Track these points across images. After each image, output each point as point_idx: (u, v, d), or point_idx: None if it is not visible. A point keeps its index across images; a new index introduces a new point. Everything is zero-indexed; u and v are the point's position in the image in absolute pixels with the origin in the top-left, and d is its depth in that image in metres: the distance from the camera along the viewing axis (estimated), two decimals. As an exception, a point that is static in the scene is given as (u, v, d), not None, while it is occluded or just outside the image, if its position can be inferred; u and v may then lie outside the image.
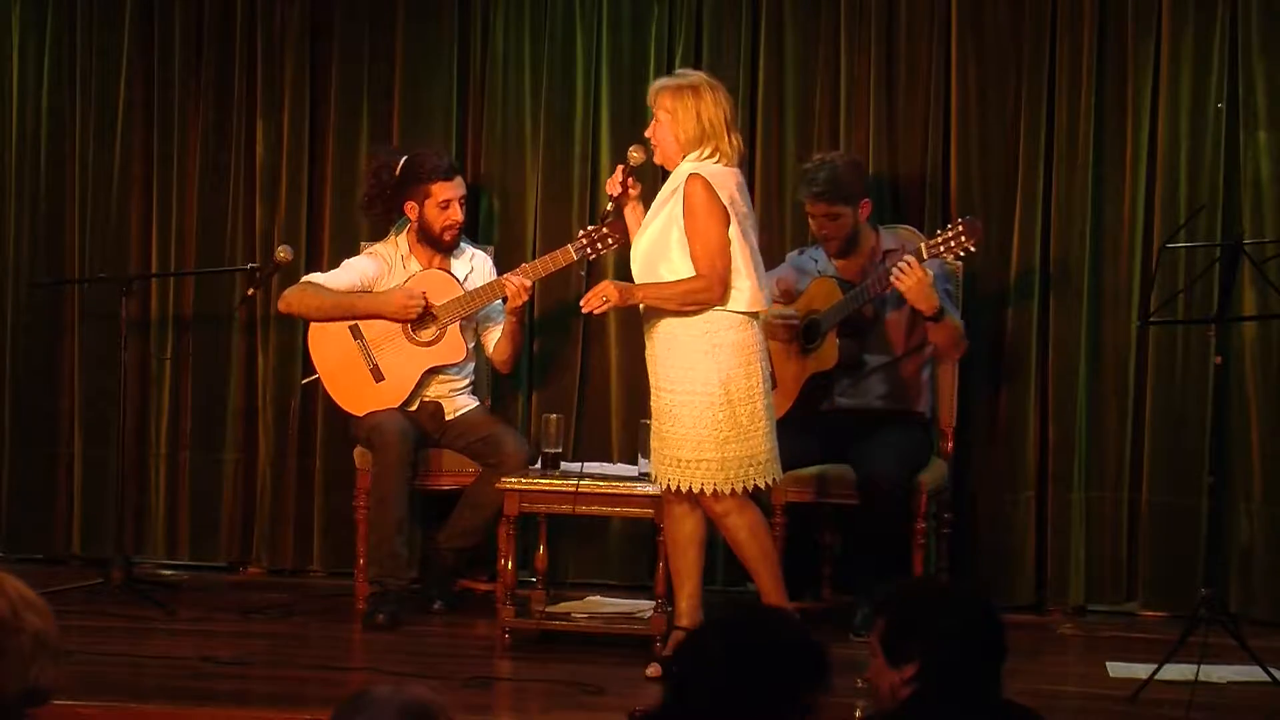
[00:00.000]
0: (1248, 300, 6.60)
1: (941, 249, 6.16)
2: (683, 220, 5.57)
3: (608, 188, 5.81)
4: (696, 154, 5.59)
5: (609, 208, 5.83)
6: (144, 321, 7.30)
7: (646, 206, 5.78)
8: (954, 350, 6.41)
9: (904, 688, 3.26)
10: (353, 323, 6.62)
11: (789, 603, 5.77)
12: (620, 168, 5.77)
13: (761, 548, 5.72)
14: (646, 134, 5.71)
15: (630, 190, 5.79)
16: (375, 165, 6.78)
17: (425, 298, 6.57)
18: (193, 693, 5.49)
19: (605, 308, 5.70)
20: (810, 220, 6.48)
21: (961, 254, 6.19)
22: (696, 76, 5.74)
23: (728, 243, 5.57)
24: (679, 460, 5.63)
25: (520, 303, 6.49)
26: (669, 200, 5.62)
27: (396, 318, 6.59)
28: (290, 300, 6.68)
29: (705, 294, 5.57)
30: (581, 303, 5.73)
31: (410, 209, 6.67)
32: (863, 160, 6.72)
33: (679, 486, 5.64)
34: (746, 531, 5.69)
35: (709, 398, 5.59)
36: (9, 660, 2.82)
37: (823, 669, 3.04)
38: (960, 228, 6.17)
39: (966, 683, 3.27)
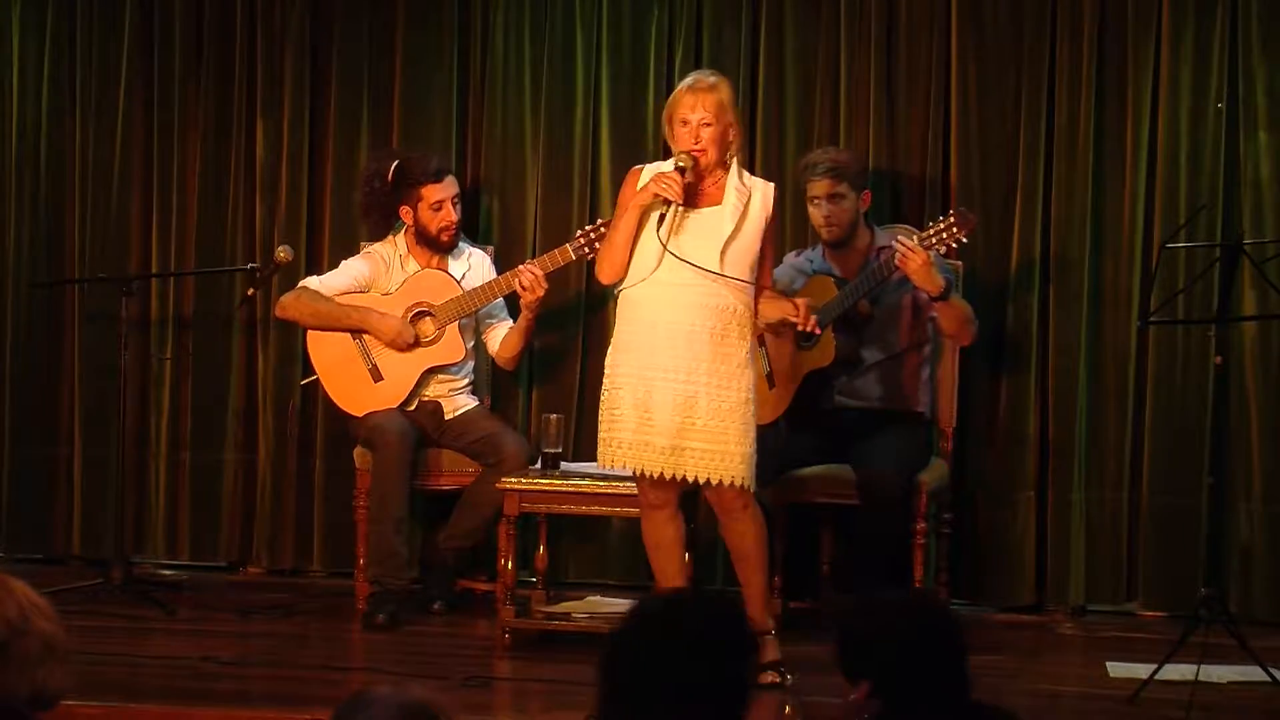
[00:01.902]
0: (1248, 300, 6.60)
1: (934, 240, 6.13)
2: (762, 230, 5.58)
3: (666, 192, 5.45)
4: (733, 155, 5.58)
5: (665, 211, 5.50)
6: (144, 321, 7.30)
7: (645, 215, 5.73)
8: (964, 332, 6.36)
9: (859, 705, 3.21)
10: (352, 322, 6.66)
11: (783, 603, 5.74)
12: (677, 172, 5.48)
13: (764, 543, 5.68)
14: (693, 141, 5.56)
15: None
16: (368, 173, 6.80)
17: (417, 339, 6.60)
18: (193, 693, 5.49)
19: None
20: (812, 208, 6.41)
21: (954, 245, 6.15)
22: (709, 74, 5.73)
23: None
24: (739, 455, 5.51)
25: (536, 296, 6.45)
26: (749, 200, 5.55)
27: (385, 343, 6.61)
28: (287, 306, 6.69)
29: None
30: (808, 326, 5.63)
31: (405, 213, 6.68)
32: (862, 157, 6.72)
33: (731, 481, 5.50)
34: (759, 524, 5.63)
35: (750, 397, 5.56)
36: (17, 664, 2.83)
37: (743, 636, 2.99)
38: (952, 219, 6.13)
39: (925, 692, 3.19)
